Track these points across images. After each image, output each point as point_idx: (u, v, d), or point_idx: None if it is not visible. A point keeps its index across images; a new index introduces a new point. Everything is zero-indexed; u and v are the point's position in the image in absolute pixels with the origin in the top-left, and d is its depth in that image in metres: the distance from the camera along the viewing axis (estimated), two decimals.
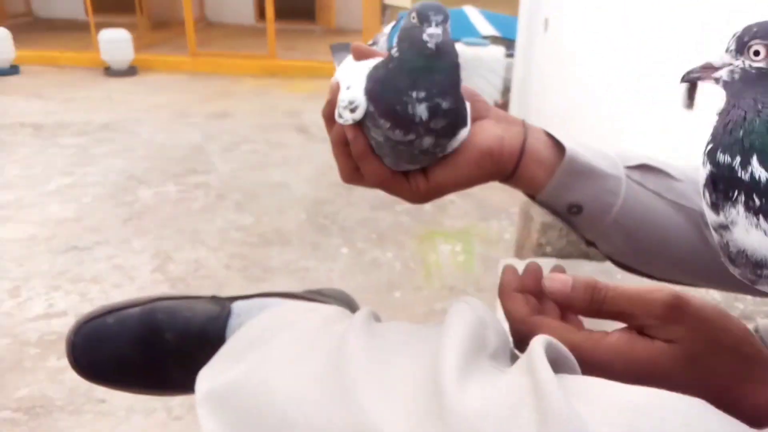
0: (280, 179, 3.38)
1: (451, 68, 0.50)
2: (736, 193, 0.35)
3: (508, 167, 0.56)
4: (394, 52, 0.51)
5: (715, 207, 0.36)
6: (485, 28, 10.36)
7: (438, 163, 0.55)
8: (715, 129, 0.37)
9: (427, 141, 0.51)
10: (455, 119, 0.52)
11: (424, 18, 0.48)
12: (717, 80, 0.38)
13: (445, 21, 0.48)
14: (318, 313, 0.64)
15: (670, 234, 0.57)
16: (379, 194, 0.63)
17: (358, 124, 0.53)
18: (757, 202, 0.34)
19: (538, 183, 0.57)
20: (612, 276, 0.68)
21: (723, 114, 0.37)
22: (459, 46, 9.21)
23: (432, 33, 0.47)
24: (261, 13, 7.88)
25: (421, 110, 0.49)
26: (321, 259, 2.60)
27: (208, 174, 3.41)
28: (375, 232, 2.83)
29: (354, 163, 0.56)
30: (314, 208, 3.05)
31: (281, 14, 6.87)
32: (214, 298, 0.77)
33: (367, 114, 0.51)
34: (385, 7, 9.21)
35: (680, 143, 2.29)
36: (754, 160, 0.34)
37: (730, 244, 0.36)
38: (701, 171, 0.37)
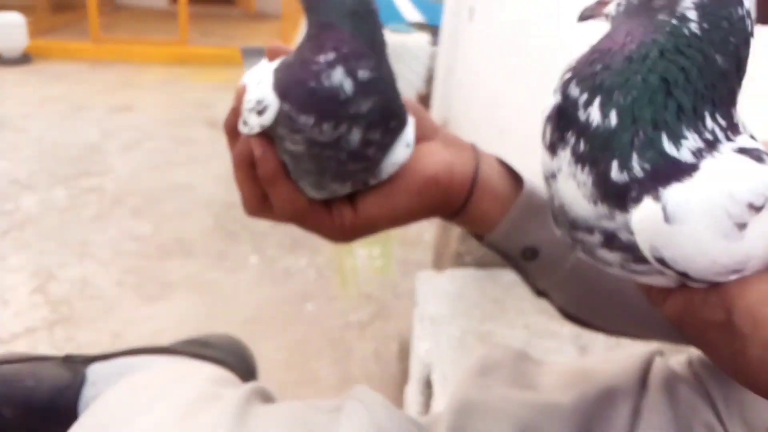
0: (185, 180, 3.12)
1: (362, 15, 0.42)
2: (569, 134, 0.32)
3: (457, 200, 0.48)
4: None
5: (552, 149, 0.33)
6: (411, 13, 10.29)
7: (370, 191, 0.46)
8: (581, 56, 0.33)
9: (356, 135, 0.42)
10: (384, 96, 0.42)
11: None
12: (607, 16, 0.35)
13: None
14: (187, 388, 0.54)
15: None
16: None
17: (268, 138, 0.43)
18: (582, 147, 0.31)
19: (490, 220, 0.50)
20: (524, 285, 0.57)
21: (596, 42, 0.33)
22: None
23: None
24: None
25: (338, 78, 0.40)
26: (227, 270, 2.39)
27: (104, 176, 3.10)
28: (288, 237, 2.63)
29: (262, 189, 0.46)
30: (222, 212, 2.82)
31: None
32: (66, 360, 0.64)
33: (279, 119, 0.42)
34: None
35: None
36: (597, 101, 0.31)
37: (554, 196, 0.34)
38: (549, 101, 0.33)
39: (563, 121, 0.32)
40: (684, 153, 0.30)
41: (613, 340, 1.30)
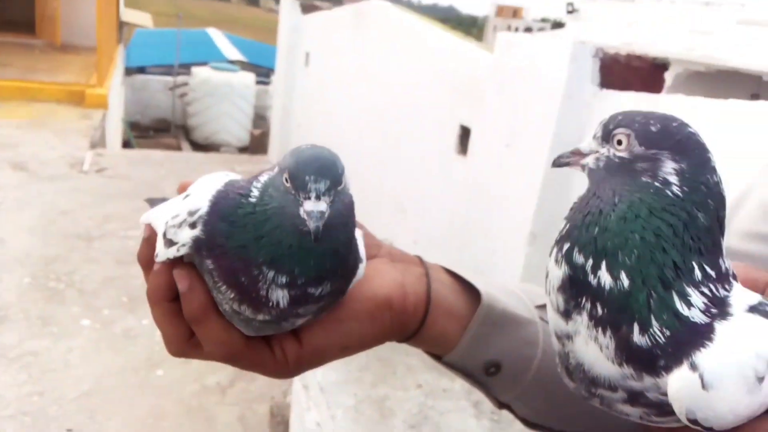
0: None
1: (340, 247, 0.38)
2: (584, 299, 0.34)
3: (412, 322, 0.46)
4: (255, 193, 0.37)
5: (567, 315, 0.35)
6: (231, 52, 10.13)
7: (317, 321, 0.42)
8: (572, 218, 0.35)
9: (289, 324, 0.40)
10: (338, 293, 0.40)
11: (299, 185, 0.35)
12: (584, 167, 0.37)
13: (333, 186, 0.35)
14: None
15: None
16: (127, 245, 0.42)
17: (193, 266, 0.39)
18: (600, 311, 0.33)
19: (448, 340, 0.48)
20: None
21: (582, 201, 0.36)
22: (206, 70, 8.69)
23: (311, 211, 0.34)
24: None
25: (278, 296, 0.37)
26: (55, 337, 2.07)
27: None
28: (125, 294, 2.37)
29: (188, 327, 0.41)
30: (41, 269, 2.45)
31: None
32: None
33: (202, 259, 0.38)
34: (122, 24, 8.38)
35: (454, 185, 2.28)
36: (604, 265, 0.33)
37: (570, 355, 0.35)
38: (554, 272, 0.35)
39: (575, 288, 0.34)
40: (695, 313, 0.32)
41: None
